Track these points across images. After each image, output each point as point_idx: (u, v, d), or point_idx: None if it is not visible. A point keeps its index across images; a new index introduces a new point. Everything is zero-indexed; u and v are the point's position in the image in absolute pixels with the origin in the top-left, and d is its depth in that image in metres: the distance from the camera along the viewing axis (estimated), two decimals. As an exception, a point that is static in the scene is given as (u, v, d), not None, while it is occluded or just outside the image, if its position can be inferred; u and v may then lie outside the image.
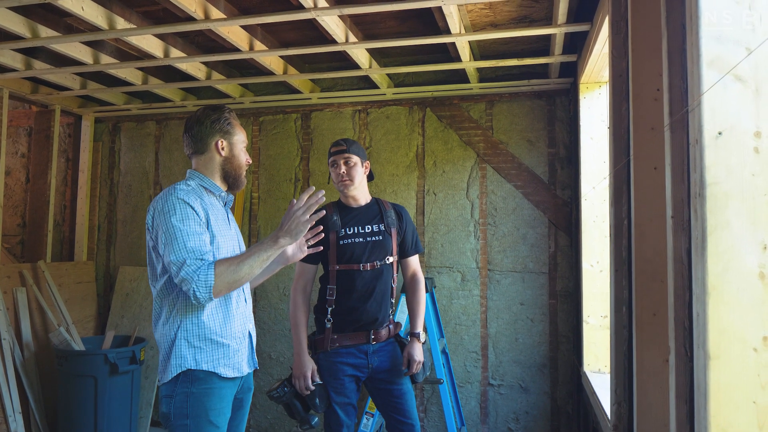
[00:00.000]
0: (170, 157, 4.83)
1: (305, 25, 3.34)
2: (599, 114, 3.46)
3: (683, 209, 1.34)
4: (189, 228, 1.94)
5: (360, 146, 2.80)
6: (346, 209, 2.79)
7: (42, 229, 4.60)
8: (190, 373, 1.97)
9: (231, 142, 2.16)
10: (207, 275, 1.86)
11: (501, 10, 3.13)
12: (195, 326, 1.99)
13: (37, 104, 4.63)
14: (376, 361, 2.72)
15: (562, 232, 3.98)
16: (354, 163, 2.72)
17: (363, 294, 2.69)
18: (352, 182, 2.72)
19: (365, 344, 2.70)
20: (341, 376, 2.67)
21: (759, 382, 1.09)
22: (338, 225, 2.72)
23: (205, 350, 1.99)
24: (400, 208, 2.90)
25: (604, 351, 3.29)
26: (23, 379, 3.95)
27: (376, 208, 2.82)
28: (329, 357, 2.69)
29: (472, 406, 4.07)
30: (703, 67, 1.17)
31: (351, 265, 2.69)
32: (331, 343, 2.68)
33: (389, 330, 2.78)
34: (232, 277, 1.90)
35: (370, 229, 2.74)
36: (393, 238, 2.79)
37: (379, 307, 2.71)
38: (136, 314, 4.57)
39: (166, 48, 3.45)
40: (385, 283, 2.74)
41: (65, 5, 2.71)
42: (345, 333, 2.69)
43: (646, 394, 1.79)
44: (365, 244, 2.71)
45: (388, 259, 2.76)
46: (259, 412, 4.47)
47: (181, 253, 1.89)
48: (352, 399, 2.71)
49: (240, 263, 1.92)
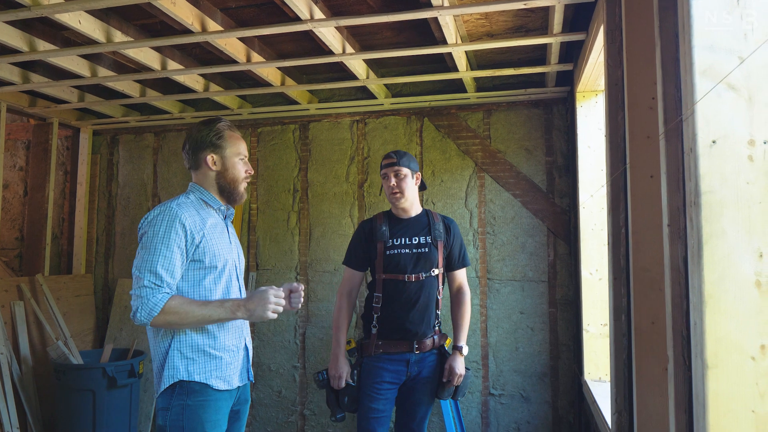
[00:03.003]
0: (168, 169, 4.84)
1: (302, 37, 3.35)
2: (596, 122, 3.47)
3: (679, 217, 1.34)
4: (165, 249, 1.94)
5: (411, 157, 2.85)
6: (396, 220, 2.86)
7: (40, 243, 4.59)
8: (185, 385, 1.96)
9: (223, 155, 2.15)
10: (156, 303, 1.89)
11: (497, 20, 3.14)
12: (188, 337, 1.99)
13: (35, 117, 4.63)
14: (416, 369, 2.77)
15: (561, 241, 3.98)
16: (404, 175, 2.78)
17: (407, 304, 2.74)
18: (402, 195, 2.79)
19: (408, 353, 2.75)
20: (380, 382, 2.73)
21: (757, 390, 1.08)
22: (386, 235, 2.79)
23: (198, 362, 1.99)
24: (449, 221, 2.94)
25: (605, 359, 3.28)
26: (21, 393, 3.93)
27: (425, 220, 2.87)
28: (372, 361, 2.76)
29: (473, 416, 4.05)
30: (696, 76, 1.17)
31: (397, 275, 2.75)
32: (375, 349, 2.76)
33: (434, 340, 2.82)
34: (174, 319, 1.92)
35: (417, 240, 2.80)
36: (439, 250, 2.83)
37: (422, 318, 2.76)
38: (135, 327, 4.55)
39: (164, 60, 3.46)
40: (429, 294, 2.78)
41: (63, 19, 2.72)
42: (390, 340, 2.75)
43: (645, 403, 1.78)
44: (411, 255, 2.77)
45: (433, 271, 2.80)
46: (258, 424, 4.44)
47: (144, 271, 1.92)
48: (387, 408, 2.75)
49: (190, 312, 1.93)
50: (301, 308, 4.41)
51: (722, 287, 1.11)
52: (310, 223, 4.46)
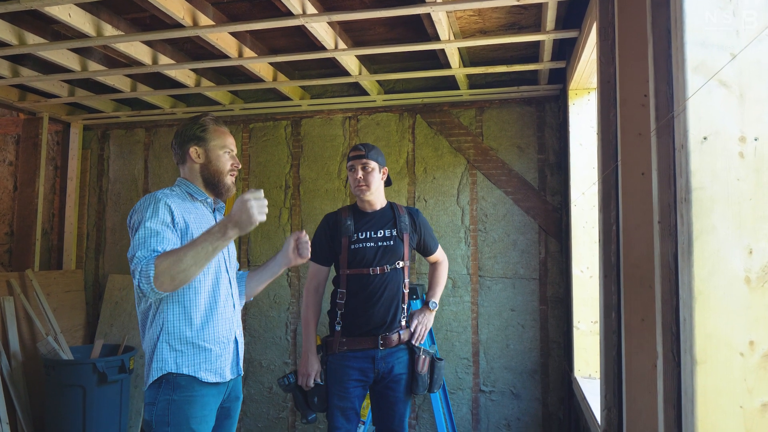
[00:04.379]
0: (159, 165, 4.81)
1: (294, 32, 3.34)
2: (588, 120, 3.48)
3: (670, 214, 1.34)
4: (154, 225, 1.91)
5: (379, 151, 2.82)
6: (360, 214, 2.82)
7: (30, 238, 4.56)
8: (172, 379, 1.95)
9: (206, 147, 2.14)
10: (148, 268, 1.79)
11: (490, 16, 3.14)
12: (176, 329, 1.97)
13: (24, 112, 4.59)
14: (384, 366, 2.72)
15: (552, 238, 3.99)
16: (372, 168, 2.74)
17: (371, 297, 2.70)
18: (368, 188, 2.74)
19: (373, 349, 2.70)
20: (346, 381, 2.68)
21: (746, 386, 1.09)
22: (351, 230, 2.76)
23: (187, 354, 1.97)
24: (414, 212, 2.92)
25: (595, 356, 3.29)
26: (10, 389, 3.90)
27: (390, 213, 2.84)
28: (337, 360, 2.71)
29: (463, 412, 4.06)
30: (688, 73, 1.17)
31: (361, 270, 2.71)
32: (340, 346, 2.70)
33: (399, 336, 2.76)
34: (174, 269, 1.79)
35: (382, 234, 2.77)
36: (405, 243, 2.80)
37: (387, 312, 2.72)
38: (126, 323, 4.53)
39: (155, 55, 3.44)
40: (394, 287, 2.75)
41: (52, 12, 2.69)
42: (354, 337, 2.70)
43: (635, 399, 1.79)
44: (376, 249, 2.73)
45: (398, 264, 2.77)
46: (249, 420, 4.43)
47: (137, 249, 1.86)
48: (356, 404, 2.71)
49: (182, 256, 1.81)
50: (292, 305, 4.40)
51: (712, 283, 1.11)
52: (302, 220, 4.45)
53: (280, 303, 4.45)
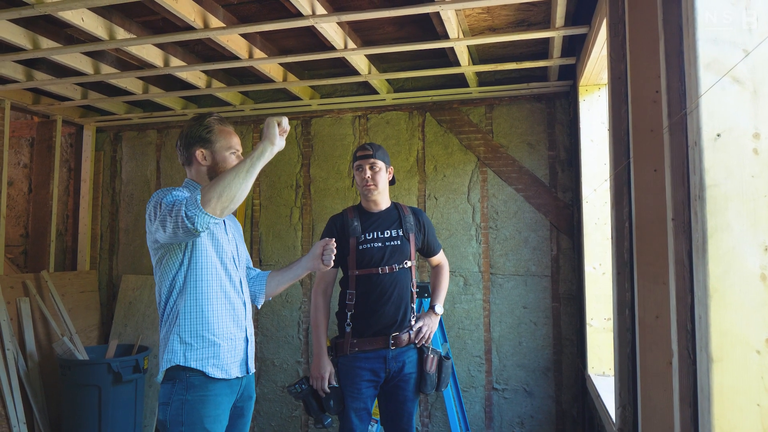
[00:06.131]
0: (171, 166, 4.84)
1: (304, 33, 3.35)
2: (599, 116, 3.46)
3: (683, 211, 1.34)
4: (179, 193, 1.97)
5: (385, 151, 2.82)
6: (367, 214, 2.83)
7: (45, 239, 4.61)
8: (184, 378, 1.97)
9: (213, 150, 2.15)
10: (194, 196, 1.83)
11: (499, 14, 3.13)
12: (188, 322, 2.00)
13: (38, 115, 4.64)
14: (395, 365, 2.73)
15: (564, 235, 3.97)
16: (379, 168, 2.75)
17: (381, 297, 2.71)
18: (376, 187, 2.75)
19: (384, 349, 2.70)
20: (358, 381, 2.69)
21: (763, 384, 1.08)
22: (358, 230, 2.76)
23: (196, 347, 2.00)
24: (418, 212, 2.93)
25: (608, 354, 3.28)
26: (27, 389, 3.95)
27: (395, 213, 2.85)
28: (348, 361, 2.71)
29: (476, 410, 4.06)
30: (700, 69, 1.16)
31: (370, 270, 2.72)
32: (351, 348, 2.70)
33: (410, 336, 2.78)
34: (220, 185, 1.84)
35: (389, 234, 2.78)
36: (411, 243, 2.82)
37: (398, 311, 2.73)
38: (140, 323, 4.57)
39: (166, 57, 3.46)
40: (403, 286, 2.76)
41: (66, 17, 2.72)
42: (364, 337, 2.71)
43: (650, 397, 1.78)
44: (384, 249, 2.74)
45: (406, 263, 2.78)
46: (263, 419, 4.46)
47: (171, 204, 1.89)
48: (368, 405, 2.72)
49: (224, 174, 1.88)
50: (304, 304, 4.42)
51: (727, 281, 1.11)
52: (312, 219, 4.46)
53: (292, 302, 4.47)
